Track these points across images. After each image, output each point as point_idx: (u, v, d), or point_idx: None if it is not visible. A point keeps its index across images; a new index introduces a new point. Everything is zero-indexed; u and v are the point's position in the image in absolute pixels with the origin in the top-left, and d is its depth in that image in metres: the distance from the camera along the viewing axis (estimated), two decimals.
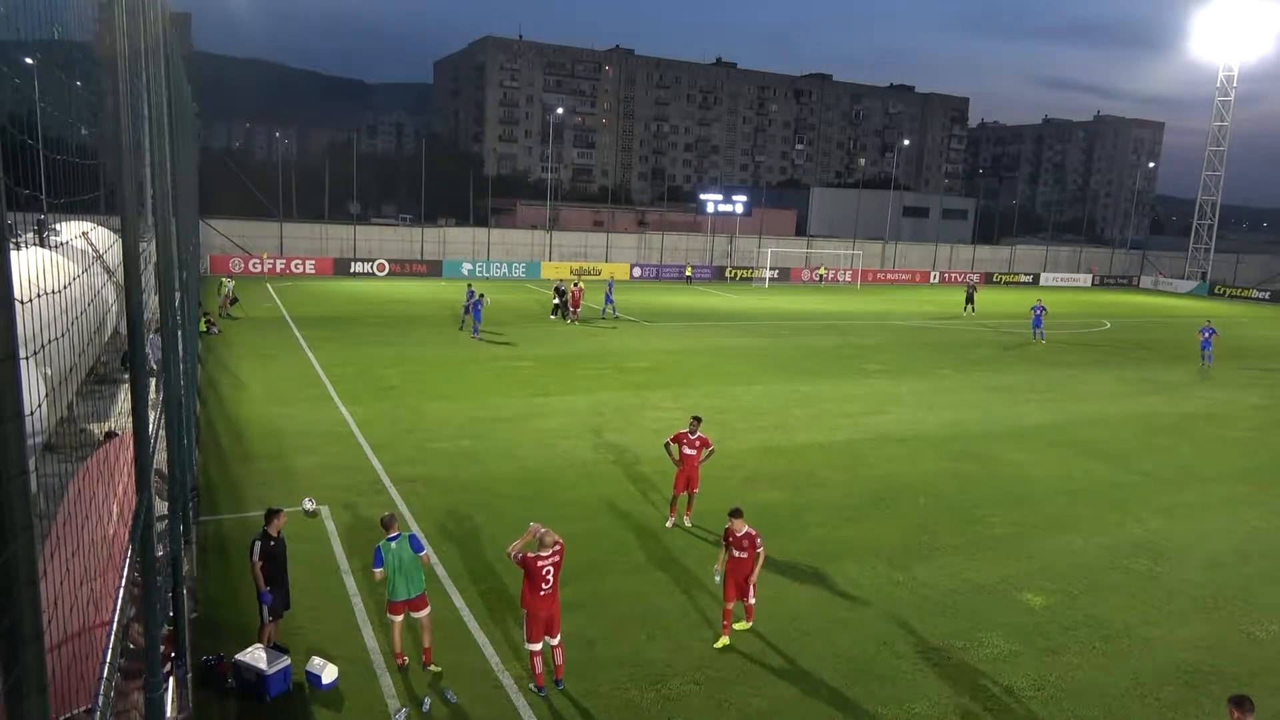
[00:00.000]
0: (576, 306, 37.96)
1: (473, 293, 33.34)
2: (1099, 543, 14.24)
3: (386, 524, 9.73)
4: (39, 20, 4.02)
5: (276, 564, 9.59)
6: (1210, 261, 76.70)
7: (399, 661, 9.62)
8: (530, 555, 9.23)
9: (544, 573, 9.17)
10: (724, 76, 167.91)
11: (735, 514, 10.59)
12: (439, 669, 9.59)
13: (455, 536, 13.30)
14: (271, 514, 9.71)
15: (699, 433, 13.99)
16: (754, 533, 10.44)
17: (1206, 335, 33.01)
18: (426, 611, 9.61)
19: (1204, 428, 22.89)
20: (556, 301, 39.01)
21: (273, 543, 9.56)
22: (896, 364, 30.58)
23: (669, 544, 13.43)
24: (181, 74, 16.64)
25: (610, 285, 42.43)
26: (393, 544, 9.49)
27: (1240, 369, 33.16)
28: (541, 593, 9.16)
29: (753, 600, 10.54)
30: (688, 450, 13.87)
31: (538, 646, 9.25)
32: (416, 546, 9.62)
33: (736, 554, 10.41)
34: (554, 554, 9.25)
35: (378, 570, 9.47)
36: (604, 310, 40.21)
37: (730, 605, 10.40)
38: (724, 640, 10.35)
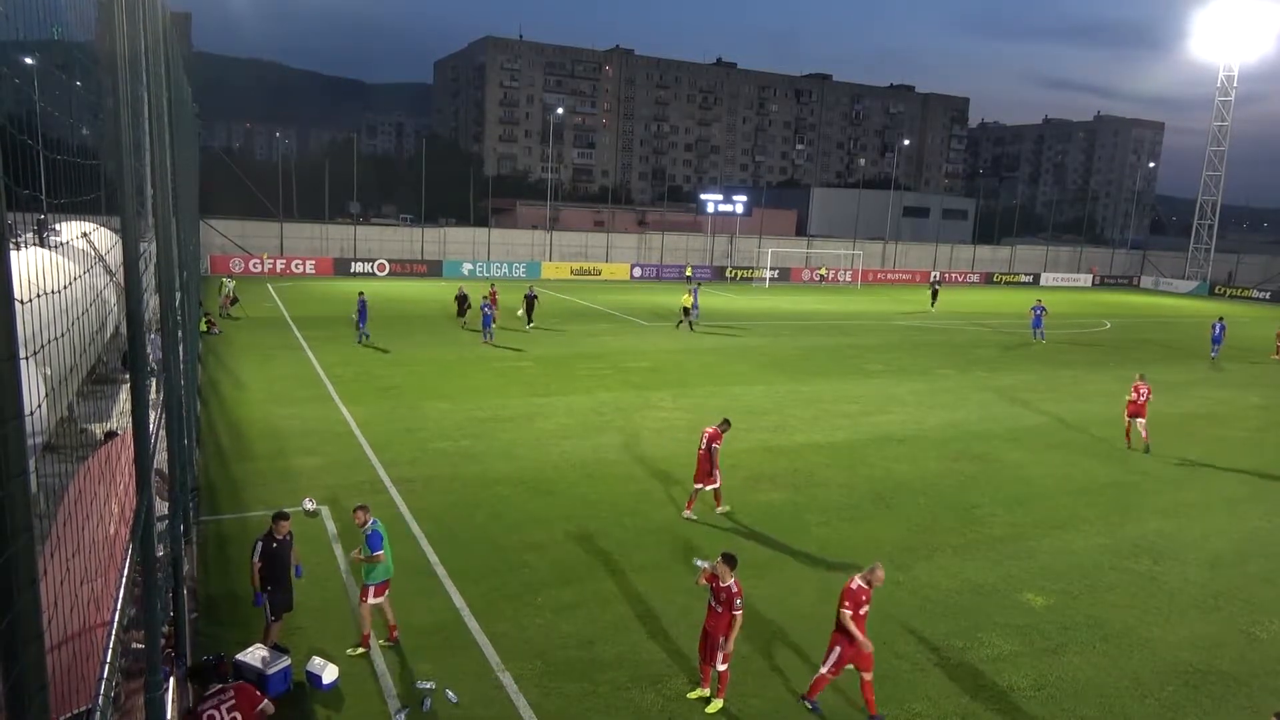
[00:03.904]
0: (495, 308, 34.58)
1: (363, 300, 30.94)
2: (1099, 543, 14.24)
3: (367, 509, 10.14)
4: (39, 20, 4.02)
5: (279, 564, 9.64)
6: (1211, 261, 76.75)
7: (393, 637, 10.02)
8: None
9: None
10: (724, 76, 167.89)
11: (727, 559, 9.16)
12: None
13: (455, 536, 13.30)
14: (278, 517, 9.75)
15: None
16: (735, 590, 8.99)
17: (1218, 331, 35.12)
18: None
19: (1204, 428, 22.88)
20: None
21: (275, 544, 9.59)
22: (897, 364, 30.58)
23: (669, 544, 13.43)
24: (181, 74, 16.64)
25: (695, 290, 38.79)
26: (379, 525, 10.01)
27: (1240, 369, 33.19)
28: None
29: (724, 668, 9.06)
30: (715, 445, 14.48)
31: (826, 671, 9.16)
32: None
33: (713, 605, 9.12)
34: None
35: (380, 553, 9.80)
36: (691, 315, 37.48)
37: (705, 664, 9.29)
38: (699, 691, 9.29)
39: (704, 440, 14.34)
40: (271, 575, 9.54)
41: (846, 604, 9.03)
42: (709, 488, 14.46)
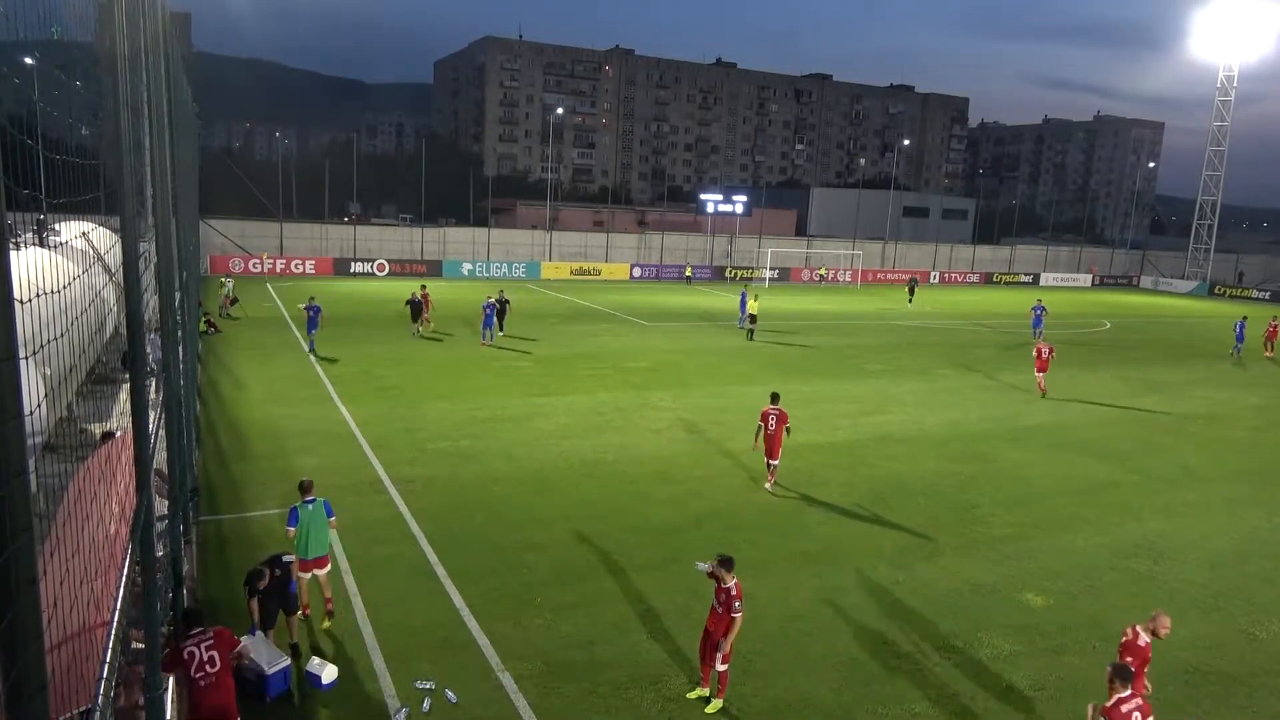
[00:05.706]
0: (426, 310, 33.19)
1: (314, 306, 28.22)
2: (1099, 543, 14.24)
3: (306, 488, 10.60)
4: (39, 20, 4.02)
5: (274, 594, 9.67)
6: (1210, 261, 76.78)
7: (304, 613, 10.40)
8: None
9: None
10: (724, 76, 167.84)
11: (724, 562, 9.14)
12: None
13: (455, 536, 13.29)
14: (254, 576, 9.50)
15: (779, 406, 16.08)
16: (735, 593, 8.97)
17: (1239, 330, 36.10)
18: (328, 569, 10.59)
19: (1204, 428, 22.88)
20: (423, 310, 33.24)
21: (263, 588, 9.56)
22: (897, 364, 30.57)
23: (669, 544, 13.43)
24: (181, 74, 16.63)
25: (744, 296, 37.19)
26: (309, 506, 10.37)
27: (1239, 369, 33.20)
28: None
29: (723, 668, 9.10)
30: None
31: None
32: (329, 512, 10.61)
33: (715, 606, 9.19)
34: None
35: (291, 529, 10.27)
36: (740, 320, 36.84)
37: (706, 664, 9.27)
38: (699, 691, 9.27)
39: (772, 423, 15.75)
40: (268, 607, 9.60)
41: (1132, 661, 8.00)
42: (775, 462, 15.97)
